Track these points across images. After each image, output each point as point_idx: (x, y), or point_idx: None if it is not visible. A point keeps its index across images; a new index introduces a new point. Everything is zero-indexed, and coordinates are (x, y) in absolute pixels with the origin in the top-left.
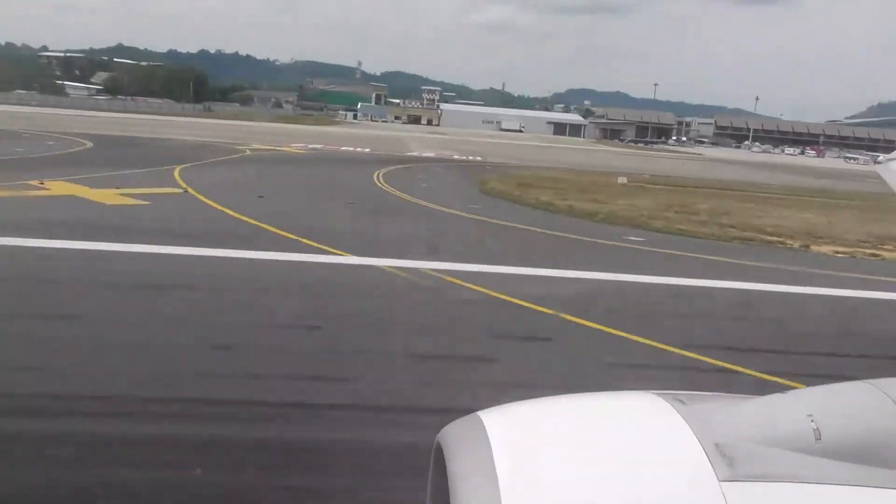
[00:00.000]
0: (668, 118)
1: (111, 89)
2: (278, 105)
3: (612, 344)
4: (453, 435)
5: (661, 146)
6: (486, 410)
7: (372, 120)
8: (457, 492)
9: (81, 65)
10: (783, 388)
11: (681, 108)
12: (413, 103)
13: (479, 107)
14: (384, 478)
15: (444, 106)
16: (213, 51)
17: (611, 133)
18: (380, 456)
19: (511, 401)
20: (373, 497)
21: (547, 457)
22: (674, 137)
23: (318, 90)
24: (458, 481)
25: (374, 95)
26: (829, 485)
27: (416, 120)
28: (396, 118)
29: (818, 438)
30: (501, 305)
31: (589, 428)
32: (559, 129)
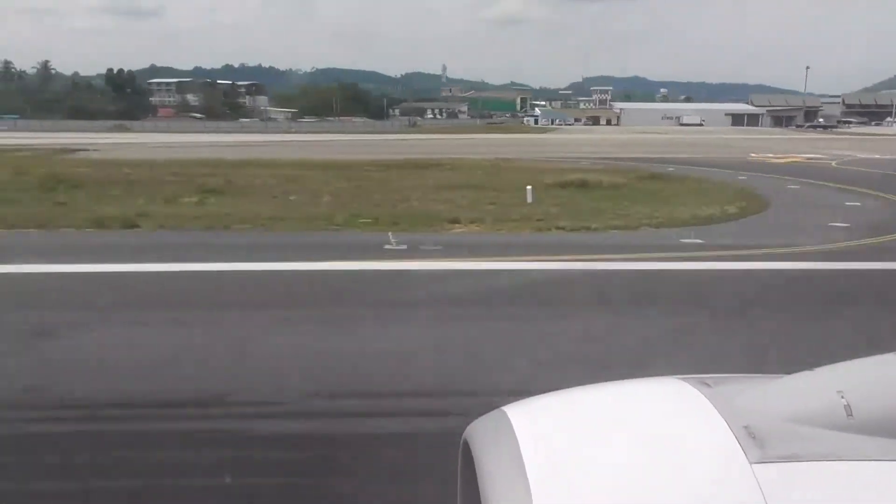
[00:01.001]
0: (813, 101)
1: (306, 112)
2: (454, 115)
3: None
4: (479, 431)
5: (844, 128)
6: (510, 405)
7: (559, 124)
8: (486, 487)
9: (225, 90)
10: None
11: (701, 88)
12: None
13: (654, 104)
14: None
15: (620, 105)
16: (236, 65)
17: (785, 120)
18: None
19: None
20: None
21: (574, 447)
22: (820, 119)
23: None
24: (487, 476)
25: (518, 99)
26: (863, 461)
27: (595, 121)
28: (576, 120)
29: (849, 415)
30: None
31: (615, 417)
32: (737, 120)
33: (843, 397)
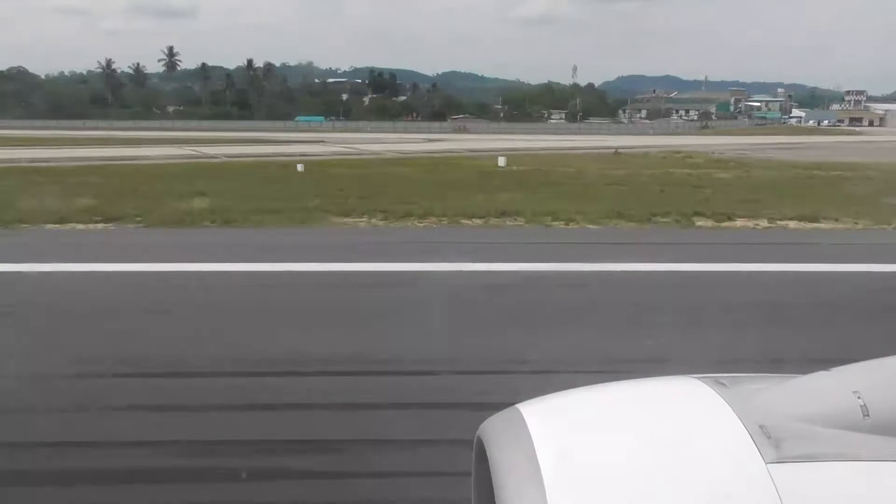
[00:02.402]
0: None
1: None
2: (707, 117)
3: None
4: (493, 428)
5: None
6: (524, 403)
7: (831, 124)
8: (500, 484)
9: (357, 88)
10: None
11: (736, 87)
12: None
13: None
14: None
15: (882, 107)
16: (278, 63)
17: None
18: None
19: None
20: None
21: (588, 445)
22: None
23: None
24: (501, 474)
25: (732, 100)
26: (880, 461)
27: (857, 122)
28: (839, 122)
29: (866, 415)
30: None
31: (629, 415)
32: None
33: (859, 397)
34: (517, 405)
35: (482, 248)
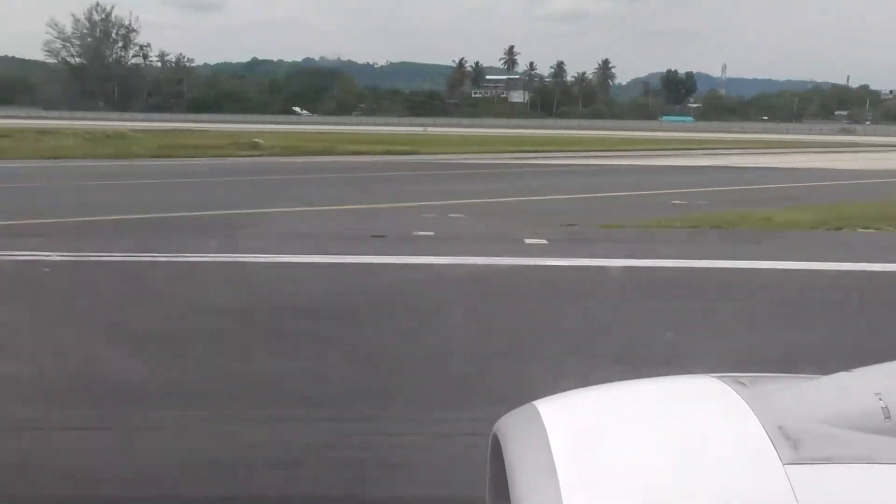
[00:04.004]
0: None
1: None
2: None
3: None
4: (509, 425)
5: None
6: (541, 400)
7: None
8: (515, 481)
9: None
10: None
11: (766, 85)
12: None
13: None
14: None
15: None
16: (316, 58)
17: None
18: None
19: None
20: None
21: (605, 443)
22: None
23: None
24: (517, 471)
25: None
26: None
27: None
28: None
29: (887, 417)
30: None
31: (647, 414)
32: None
33: (881, 399)
34: (534, 402)
35: None
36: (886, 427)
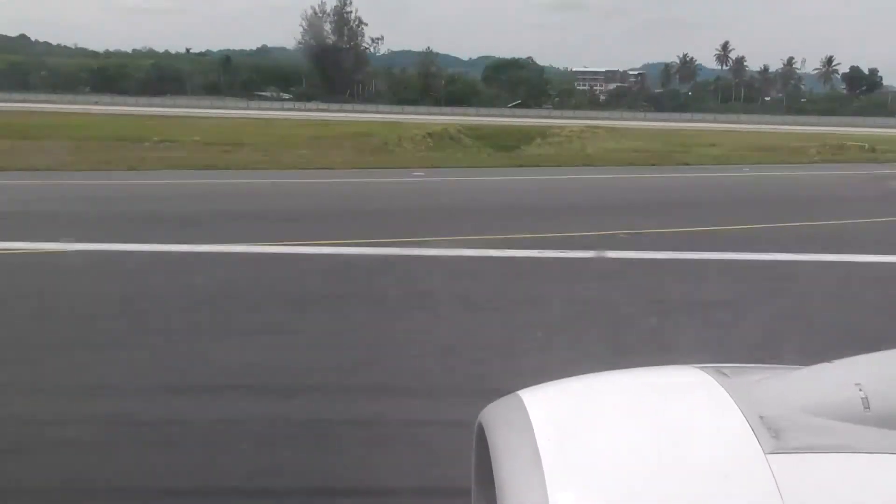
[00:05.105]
0: None
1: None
2: None
3: None
4: (494, 414)
5: None
6: (525, 389)
7: None
8: (500, 470)
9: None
10: None
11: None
12: None
13: None
14: None
15: None
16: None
17: None
18: None
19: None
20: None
21: (589, 433)
22: None
23: None
24: (501, 460)
25: None
26: (879, 454)
27: None
28: None
29: (867, 407)
30: None
31: (630, 404)
32: None
33: (860, 390)
34: (518, 392)
35: None
36: (866, 417)
